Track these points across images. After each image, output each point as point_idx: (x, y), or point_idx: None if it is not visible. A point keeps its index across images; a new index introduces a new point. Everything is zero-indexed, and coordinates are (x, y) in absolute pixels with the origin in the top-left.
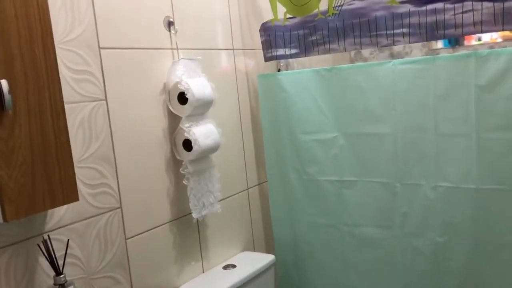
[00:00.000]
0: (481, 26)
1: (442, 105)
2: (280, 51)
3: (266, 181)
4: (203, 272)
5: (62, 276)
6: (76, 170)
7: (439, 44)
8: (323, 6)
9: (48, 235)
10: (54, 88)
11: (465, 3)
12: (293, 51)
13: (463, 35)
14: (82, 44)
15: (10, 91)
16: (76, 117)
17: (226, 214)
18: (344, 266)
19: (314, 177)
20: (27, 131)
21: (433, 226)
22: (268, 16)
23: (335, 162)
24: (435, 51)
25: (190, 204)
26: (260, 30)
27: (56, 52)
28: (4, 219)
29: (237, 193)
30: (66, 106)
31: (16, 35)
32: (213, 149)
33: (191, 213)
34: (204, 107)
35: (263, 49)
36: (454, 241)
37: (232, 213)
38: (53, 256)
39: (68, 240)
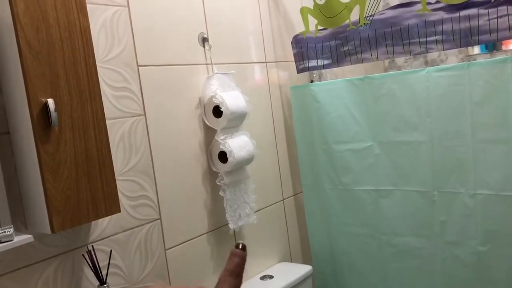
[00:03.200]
0: None
1: (478, 111)
2: (313, 63)
3: (302, 192)
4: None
5: (105, 285)
6: (118, 183)
7: (476, 50)
8: (354, 16)
9: (93, 246)
10: (96, 105)
11: (499, 8)
12: (326, 62)
13: (498, 40)
14: (121, 63)
15: (56, 109)
16: (117, 132)
17: (262, 225)
18: (384, 276)
19: (350, 187)
20: (71, 146)
21: (473, 234)
22: (299, 28)
23: (370, 171)
24: (471, 57)
25: (226, 215)
26: (292, 43)
27: (97, 70)
28: (52, 230)
29: (272, 204)
30: (107, 121)
31: (61, 57)
32: (248, 160)
33: (227, 224)
34: (238, 120)
35: (296, 61)
36: (496, 249)
37: (268, 224)
38: (97, 266)
39: (111, 250)
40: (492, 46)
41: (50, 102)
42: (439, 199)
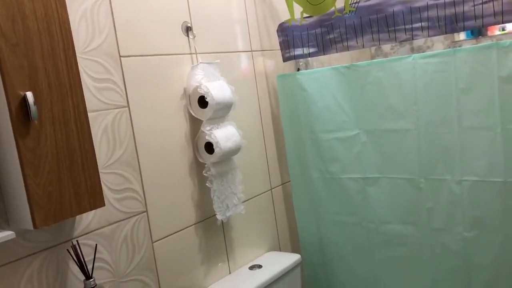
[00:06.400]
0: (502, 16)
1: (465, 98)
2: (298, 51)
3: (289, 181)
4: (230, 273)
5: (92, 280)
6: (102, 176)
7: (461, 35)
8: (339, 4)
9: (77, 241)
10: (77, 97)
11: None
12: (311, 50)
13: (483, 26)
14: (103, 53)
15: (35, 102)
16: (99, 124)
17: (250, 215)
18: (372, 264)
19: (337, 176)
20: (52, 140)
21: (460, 221)
22: (285, 16)
23: (357, 160)
24: (457, 43)
25: (214, 206)
26: (277, 31)
27: (78, 62)
28: (34, 226)
29: (260, 194)
30: (89, 114)
31: (39, 49)
32: (235, 151)
33: (215, 215)
34: (224, 110)
35: (281, 50)
36: (482, 235)
37: (256, 214)
38: (83, 260)
39: (96, 244)
40: (477, 32)
41: (29, 95)
42: (425, 186)
